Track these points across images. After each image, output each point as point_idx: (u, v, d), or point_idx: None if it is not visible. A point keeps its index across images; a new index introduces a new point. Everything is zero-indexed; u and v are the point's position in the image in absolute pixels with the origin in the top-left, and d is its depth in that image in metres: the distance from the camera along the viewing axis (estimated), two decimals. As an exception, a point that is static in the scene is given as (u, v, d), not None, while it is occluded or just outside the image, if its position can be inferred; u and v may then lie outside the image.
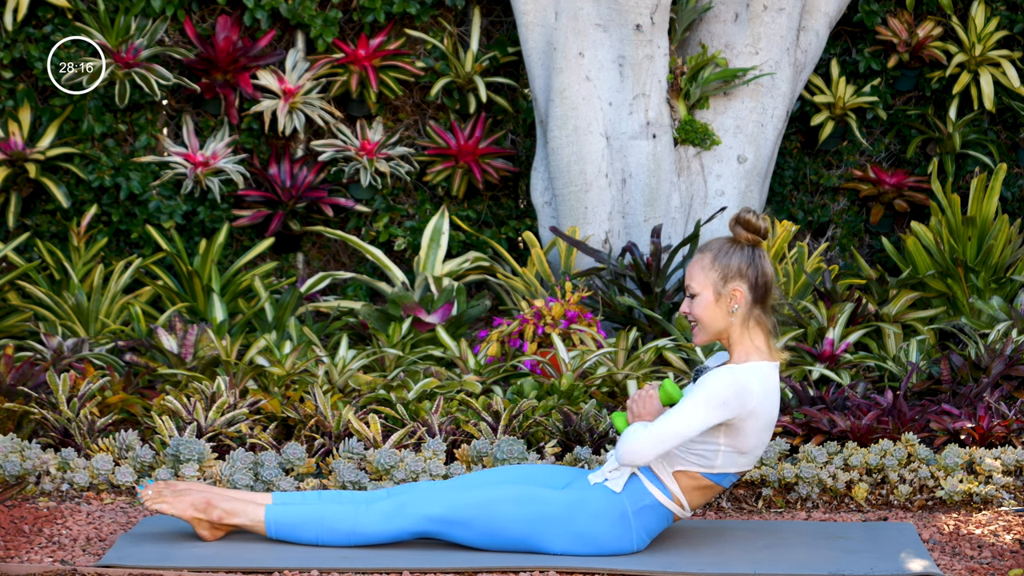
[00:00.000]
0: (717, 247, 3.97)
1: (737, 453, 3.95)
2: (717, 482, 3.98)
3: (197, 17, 6.72)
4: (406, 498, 4.00)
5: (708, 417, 3.84)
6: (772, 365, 3.97)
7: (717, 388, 3.85)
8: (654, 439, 3.83)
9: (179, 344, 5.57)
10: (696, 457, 3.94)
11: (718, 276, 3.94)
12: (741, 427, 3.91)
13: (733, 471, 3.98)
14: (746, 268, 3.93)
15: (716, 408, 3.84)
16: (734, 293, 3.94)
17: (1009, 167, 7.00)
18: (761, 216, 3.94)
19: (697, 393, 3.86)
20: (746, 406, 3.88)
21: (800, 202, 7.04)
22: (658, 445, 3.83)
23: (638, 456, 3.84)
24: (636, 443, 3.84)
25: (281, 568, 3.84)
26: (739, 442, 3.93)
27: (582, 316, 5.74)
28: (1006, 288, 6.17)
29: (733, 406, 3.86)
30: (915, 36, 6.91)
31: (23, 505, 4.51)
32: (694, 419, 3.83)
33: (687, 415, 3.84)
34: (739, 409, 3.87)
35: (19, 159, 6.49)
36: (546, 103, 6.33)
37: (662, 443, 3.83)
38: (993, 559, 4.03)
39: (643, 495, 3.96)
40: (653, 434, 3.83)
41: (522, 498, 3.95)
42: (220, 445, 4.89)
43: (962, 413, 4.99)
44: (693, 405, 3.85)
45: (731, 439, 3.92)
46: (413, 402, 5.17)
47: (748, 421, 3.90)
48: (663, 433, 3.83)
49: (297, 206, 6.67)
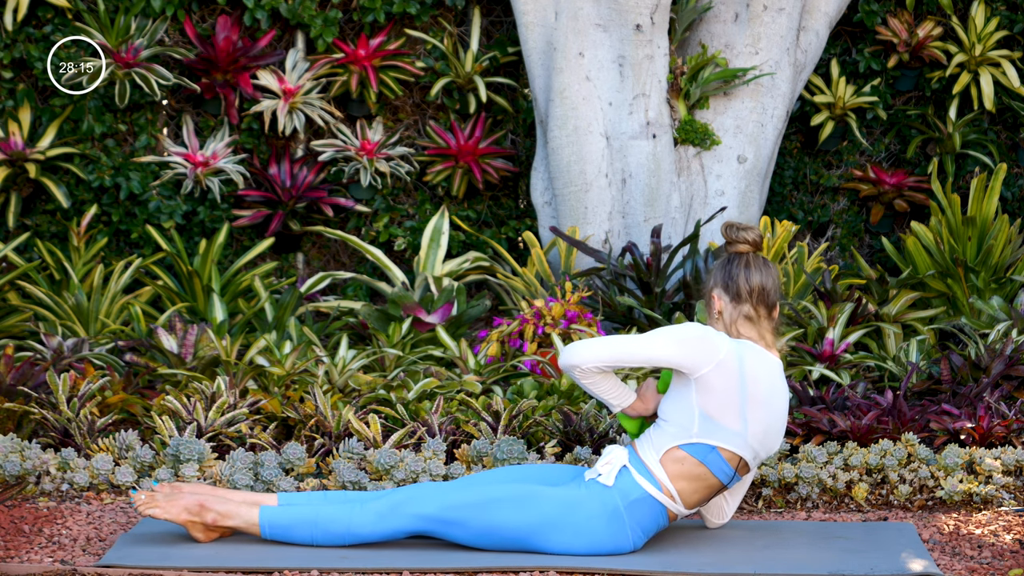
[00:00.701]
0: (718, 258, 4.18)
1: (712, 420, 3.93)
2: (702, 460, 3.95)
3: (197, 17, 6.73)
4: (400, 497, 4.00)
5: (660, 347, 3.93)
6: (764, 351, 4.02)
7: (680, 327, 3.99)
8: (598, 343, 3.94)
9: (179, 344, 5.57)
10: (675, 428, 3.95)
11: (706, 288, 4.14)
12: (709, 383, 3.91)
13: (712, 443, 3.93)
14: (719, 274, 4.10)
15: (670, 342, 3.93)
16: (712, 299, 4.09)
17: (1009, 167, 7.00)
18: (742, 227, 4.10)
19: (662, 327, 4.04)
20: (709, 356, 3.91)
21: (800, 202, 7.04)
22: (600, 350, 3.94)
23: (576, 353, 3.95)
24: (580, 343, 3.97)
25: (281, 568, 3.84)
26: (710, 402, 3.92)
27: (582, 316, 5.74)
28: (1006, 288, 6.17)
29: (690, 349, 3.92)
30: (915, 36, 6.91)
31: (23, 505, 4.51)
32: (646, 343, 3.94)
33: (641, 337, 3.96)
34: (699, 356, 3.91)
35: (19, 159, 6.49)
36: (546, 103, 6.33)
37: (605, 349, 3.93)
38: (993, 559, 4.03)
39: (633, 487, 3.96)
40: (600, 340, 3.95)
41: (516, 496, 3.96)
42: (220, 445, 4.89)
43: (962, 413, 4.99)
44: (651, 332, 3.98)
45: (702, 397, 3.92)
46: (413, 402, 5.17)
47: (715, 377, 3.91)
48: (609, 341, 3.95)
49: (297, 206, 6.67)
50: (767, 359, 4.01)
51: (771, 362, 4.02)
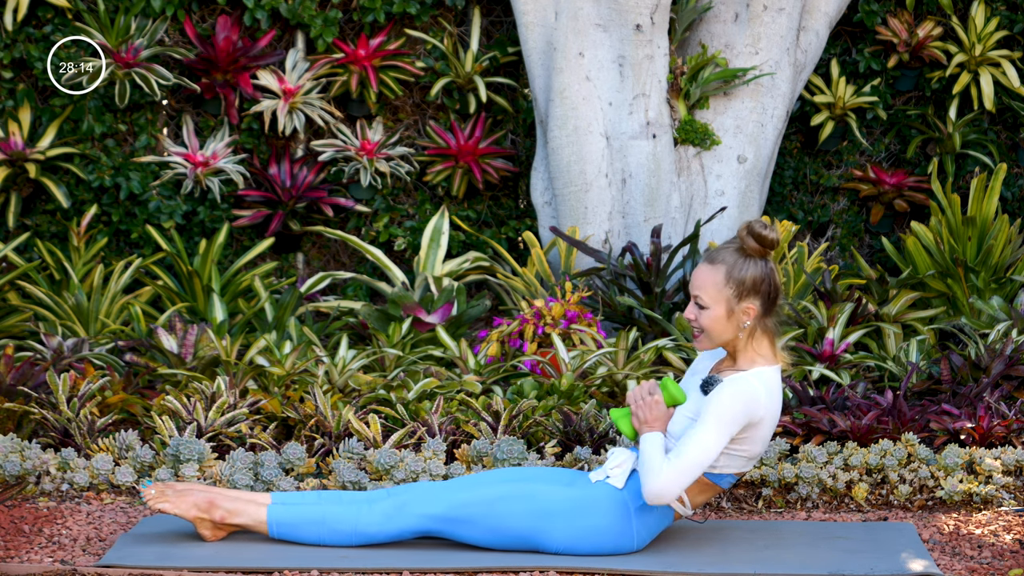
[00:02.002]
0: (731, 261, 3.92)
1: (740, 456, 3.97)
2: (717, 482, 3.99)
3: (197, 17, 6.72)
4: (408, 497, 4.00)
5: (723, 438, 3.87)
6: (775, 368, 3.98)
7: (727, 407, 3.86)
8: (677, 475, 3.85)
9: (179, 344, 5.57)
10: None
11: (732, 293, 3.92)
12: (748, 434, 3.94)
13: (734, 471, 3.99)
14: (760, 283, 3.92)
15: (729, 426, 3.87)
16: (747, 310, 3.94)
17: (1009, 167, 7.00)
18: (773, 227, 3.91)
19: (709, 416, 3.87)
20: (755, 415, 3.90)
21: (800, 202, 7.04)
22: (682, 479, 3.86)
23: (667, 495, 3.87)
24: (661, 483, 3.85)
25: (281, 568, 3.84)
26: (744, 446, 3.96)
27: (582, 316, 5.74)
28: (1006, 288, 6.16)
29: (743, 419, 3.89)
30: (915, 36, 6.91)
31: (23, 505, 4.51)
32: (711, 445, 3.86)
33: (703, 443, 3.85)
34: (748, 419, 3.89)
35: (19, 159, 6.48)
36: (546, 103, 6.32)
37: (686, 476, 3.86)
38: (993, 559, 4.03)
39: (645, 491, 3.97)
40: (676, 471, 3.84)
41: (525, 495, 3.96)
42: (220, 445, 4.89)
43: (962, 413, 4.99)
44: (707, 431, 3.86)
45: (736, 444, 3.95)
46: (413, 402, 5.17)
47: (755, 428, 3.93)
48: (684, 468, 3.85)
49: (297, 206, 6.67)
50: (778, 380, 3.99)
51: (779, 379, 4.01)
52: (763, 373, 3.93)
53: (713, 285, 3.92)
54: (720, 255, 3.94)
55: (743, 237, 3.92)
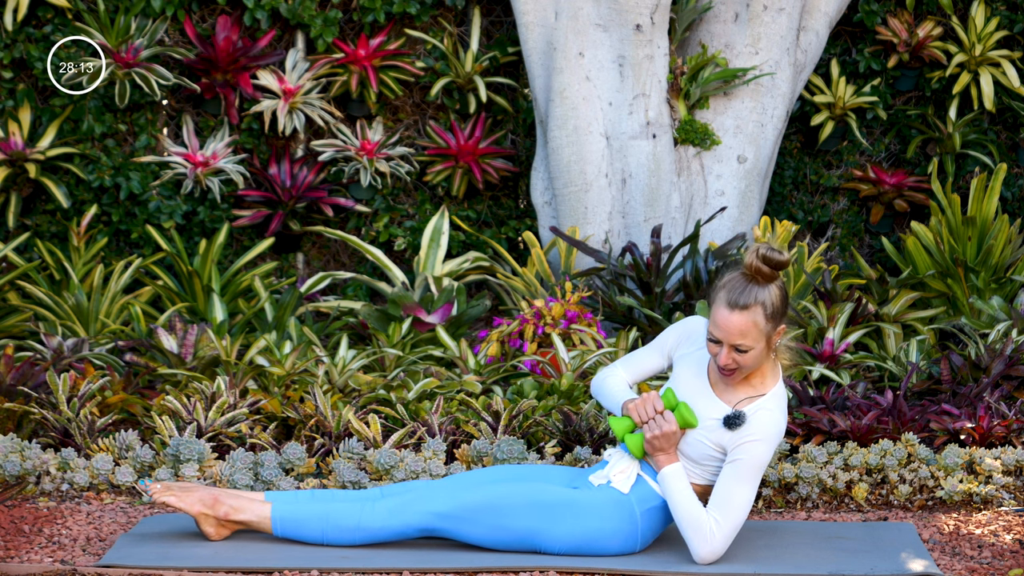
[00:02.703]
0: (763, 299, 3.85)
1: None
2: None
3: (197, 17, 6.72)
4: (411, 496, 4.00)
5: (759, 480, 3.94)
6: (781, 381, 4.01)
7: (761, 455, 3.90)
8: (727, 536, 3.90)
9: (179, 344, 5.57)
10: (707, 473, 3.99)
11: (772, 327, 3.90)
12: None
13: None
14: (785, 304, 3.92)
15: (763, 470, 3.93)
16: (780, 332, 3.94)
17: (1009, 167, 7.00)
18: (780, 249, 3.87)
19: (745, 469, 3.89)
20: (780, 442, 4.02)
21: (800, 202, 7.04)
22: (731, 535, 3.92)
23: (718, 555, 3.91)
24: (714, 546, 3.89)
25: (281, 568, 3.84)
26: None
27: (582, 316, 5.74)
28: (1006, 288, 6.16)
29: (773, 454, 3.98)
30: (915, 36, 6.91)
31: (23, 505, 4.51)
32: (751, 496, 3.92)
33: (746, 497, 3.90)
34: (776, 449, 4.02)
35: (19, 159, 6.48)
36: (546, 103, 6.33)
37: (734, 532, 3.91)
38: (993, 559, 4.03)
39: (650, 496, 3.97)
40: (725, 533, 3.89)
41: (529, 495, 3.96)
42: (220, 445, 4.89)
43: (962, 413, 4.99)
44: (747, 484, 3.89)
45: None
46: (413, 402, 5.17)
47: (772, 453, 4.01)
48: (733, 526, 3.90)
49: (297, 206, 6.67)
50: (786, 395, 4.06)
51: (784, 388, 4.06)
52: (776, 394, 3.96)
53: (755, 328, 3.86)
54: (747, 297, 3.85)
55: (757, 266, 3.84)
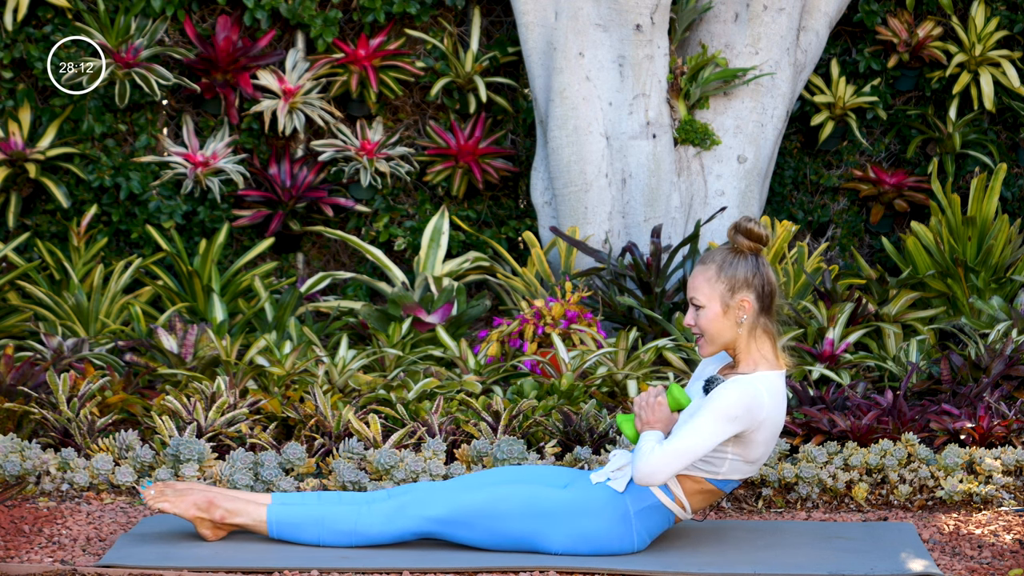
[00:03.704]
0: (721, 258, 3.94)
1: (744, 462, 3.96)
2: (720, 487, 3.99)
3: (197, 17, 6.72)
4: (407, 499, 4.00)
5: (719, 432, 3.85)
6: (779, 373, 3.97)
7: (727, 403, 3.85)
8: (668, 459, 3.84)
9: (179, 344, 5.57)
10: (704, 464, 3.96)
11: (725, 288, 3.92)
12: (751, 438, 3.93)
13: (737, 478, 3.99)
14: (752, 277, 3.92)
15: (727, 423, 3.85)
16: (742, 304, 3.93)
17: (1009, 167, 7.00)
18: (760, 223, 3.93)
19: (707, 408, 3.86)
20: (756, 418, 3.89)
21: (800, 202, 7.04)
22: (672, 464, 3.85)
23: (654, 477, 3.86)
24: (651, 464, 3.85)
25: (281, 568, 3.84)
26: (747, 452, 3.95)
27: (582, 316, 5.74)
28: (1006, 288, 6.17)
29: (744, 420, 3.87)
30: (915, 36, 6.91)
31: (23, 505, 4.51)
32: (706, 436, 3.84)
33: (699, 432, 3.84)
34: (750, 422, 3.88)
35: (19, 159, 6.49)
36: (546, 103, 6.33)
37: (676, 461, 3.85)
38: (993, 559, 4.03)
39: (646, 496, 3.97)
40: (667, 454, 3.84)
41: (524, 498, 3.96)
42: (220, 445, 4.89)
43: (962, 413, 4.99)
44: (704, 422, 3.85)
45: (740, 449, 3.94)
46: (413, 402, 5.17)
47: (758, 432, 3.92)
48: (676, 451, 3.84)
49: (297, 206, 6.67)
50: (782, 385, 3.99)
51: (783, 385, 4.01)
52: (767, 377, 3.93)
53: (706, 282, 3.94)
54: (710, 255, 3.98)
55: (732, 236, 3.95)
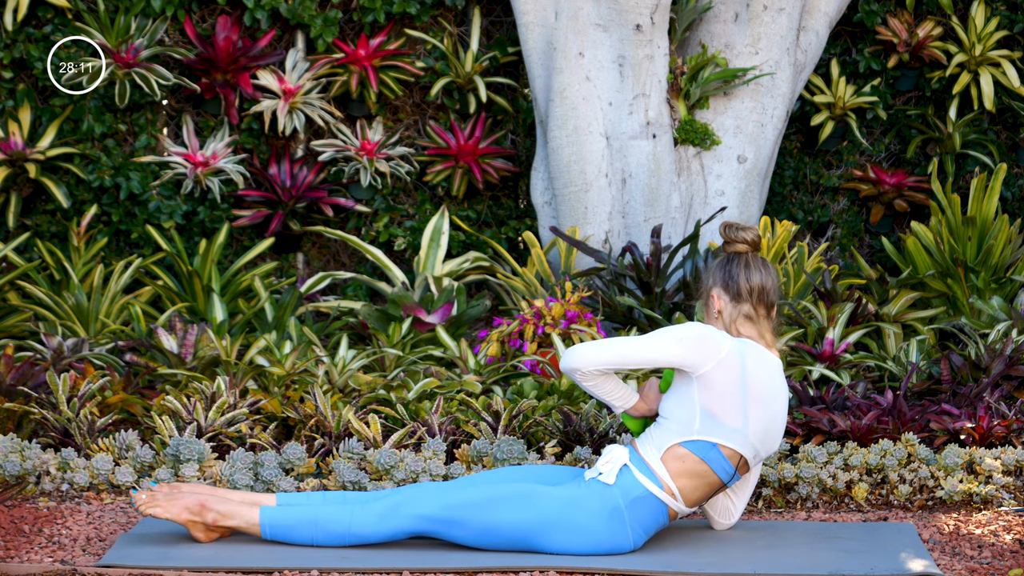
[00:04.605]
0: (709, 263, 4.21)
1: (714, 416, 3.94)
2: (702, 458, 3.95)
3: (197, 17, 6.73)
4: (400, 498, 4.00)
5: (661, 348, 3.96)
6: (765, 350, 4.05)
7: (681, 326, 4.02)
8: (600, 345, 3.98)
9: (179, 344, 5.57)
10: (677, 425, 3.96)
11: (704, 287, 4.17)
12: (711, 380, 3.94)
13: (713, 440, 3.94)
14: (718, 274, 4.13)
15: (671, 342, 3.96)
16: (711, 298, 4.11)
17: (1009, 167, 7.00)
18: (741, 227, 4.14)
19: (664, 327, 4.08)
20: (710, 354, 3.94)
21: (800, 202, 7.04)
22: (601, 352, 3.97)
23: (577, 356, 3.97)
24: (581, 346, 3.99)
25: (281, 568, 3.84)
26: (712, 400, 3.94)
27: (582, 316, 5.74)
28: (1006, 288, 6.17)
29: (692, 348, 3.95)
30: (915, 36, 6.91)
31: (23, 505, 4.51)
32: (647, 344, 3.97)
33: (642, 338, 4.00)
34: (701, 355, 3.94)
35: (19, 159, 6.49)
36: (546, 103, 6.33)
37: (606, 352, 3.96)
38: (993, 559, 4.03)
39: (634, 486, 3.96)
40: (601, 342, 3.98)
41: (517, 495, 3.96)
42: (220, 445, 4.89)
43: (962, 413, 4.99)
44: (652, 333, 4.01)
45: (704, 394, 3.94)
46: (413, 402, 5.17)
47: (717, 374, 3.94)
48: (611, 343, 3.98)
49: (297, 206, 6.67)
50: (768, 358, 4.04)
51: (772, 361, 4.04)
52: (744, 340, 4.04)
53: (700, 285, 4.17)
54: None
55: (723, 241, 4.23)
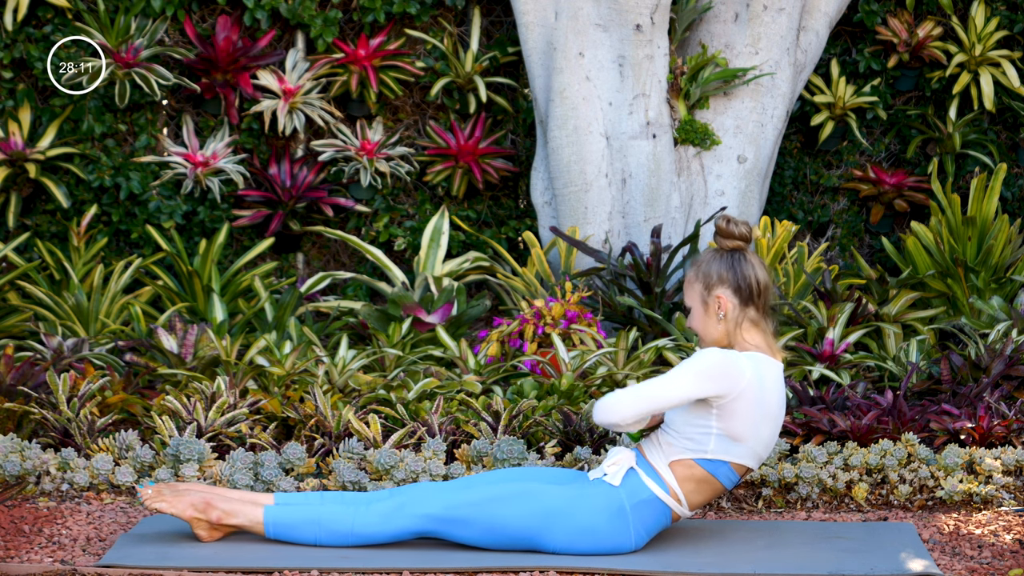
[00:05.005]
0: (700, 258, 4.04)
1: (730, 439, 3.94)
2: (712, 472, 3.97)
3: (197, 17, 6.72)
4: (405, 498, 4.00)
5: (690, 386, 3.88)
6: (772, 360, 3.99)
7: (703, 359, 3.90)
8: (632, 397, 3.88)
9: (179, 344, 5.57)
10: (689, 442, 3.95)
11: (701, 287, 4.02)
12: (732, 409, 3.91)
13: (726, 459, 3.96)
14: (726, 273, 3.99)
15: (700, 378, 3.88)
16: (718, 300, 3.99)
17: (1009, 167, 7.00)
18: (737, 221, 4.00)
19: (683, 363, 3.93)
20: (735, 385, 3.89)
21: (800, 202, 7.04)
22: (634, 402, 3.88)
23: (613, 411, 3.89)
24: (613, 399, 3.90)
25: (281, 568, 3.84)
26: (731, 426, 3.93)
27: (582, 316, 5.74)
28: (1006, 288, 6.17)
29: (719, 381, 3.89)
30: (915, 36, 6.91)
31: (23, 505, 4.51)
32: (676, 384, 3.88)
33: (669, 379, 3.89)
34: (727, 386, 3.89)
35: (19, 159, 6.49)
36: (546, 103, 6.33)
37: (640, 402, 3.88)
38: (993, 559, 4.03)
39: (640, 489, 3.96)
40: (632, 392, 3.88)
41: (521, 494, 3.96)
42: (220, 445, 4.89)
43: (962, 413, 4.99)
44: (676, 372, 3.91)
45: (723, 422, 3.93)
46: (413, 402, 5.17)
47: (739, 403, 3.91)
48: (642, 392, 3.89)
49: (297, 206, 6.67)
50: (777, 371, 4.01)
51: (779, 372, 4.02)
52: (755, 355, 3.97)
53: (688, 284, 4.04)
54: (695, 258, 4.09)
55: (714, 236, 4.06)
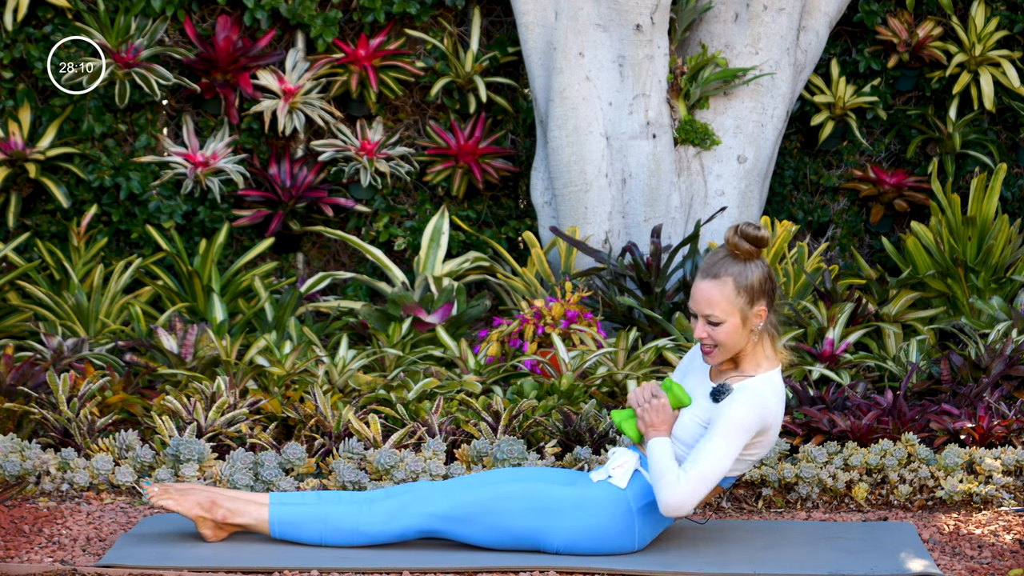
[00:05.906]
0: (735, 271, 3.89)
1: (749, 460, 4.00)
2: (721, 483, 4.00)
3: (197, 17, 6.72)
4: (409, 497, 4.00)
5: (737, 448, 3.88)
6: (777, 371, 4.00)
7: (741, 416, 3.86)
8: (694, 485, 3.85)
9: (179, 344, 5.57)
10: None
11: (745, 301, 3.90)
12: (758, 439, 3.96)
13: (736, 474, 4.01)
14: (765, 283, 3.91)
15: (743, 435, 3.88)
16: (760, 313, 3.93)
17: (1009, 167, 7.00)
18: (761, 226, 3.90)
19: (722, 425, 3.87)
20: (766, 422, 3.93)
21: (800, 202, 7.04)
22: (700, 490, 3.86)
23: (685, 508, 3.86)
24: (678, 494, 3.85)
25: (281, 568, 3.84)
26: (754, 451, 3.99)
27: (582, 316, 5.74)
28: (1006, 288, 6.17)
29: (755, 427, 3.90)
30: (915, 36, 6.91)
31: (23, 505, 4.51)
32: (726, 455, 3.86)
33: (719, 453, 3.85)
34: (760, 426, 3.91)
35: (19, 159, 6.49)
36: (546, 103, 6.33)
37: (703, 487, 3.86)
38: (993, 559, 4.03)
39: (647, 492, 3.97)
40: (691, 481, 3.84)
41: (527, 494, 3.96)
42: (220, 445, 4.89)
43: (962, 413, 4.99)
44: (722, 440, 3.86)
45: (747, 450, 3.97)
46: (413, 402, 5.17)
47: (764, 434, 3.96)
48: (702, 478, 3.85)
49: (297, 206, 6.67)
50: (781, 382, 4.01)
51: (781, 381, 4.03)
52: (769, 378, 3.95)
53: (725, 299, 3.89)
54: (720, 267, 3.91)
55: (736, 243, 3.89)
